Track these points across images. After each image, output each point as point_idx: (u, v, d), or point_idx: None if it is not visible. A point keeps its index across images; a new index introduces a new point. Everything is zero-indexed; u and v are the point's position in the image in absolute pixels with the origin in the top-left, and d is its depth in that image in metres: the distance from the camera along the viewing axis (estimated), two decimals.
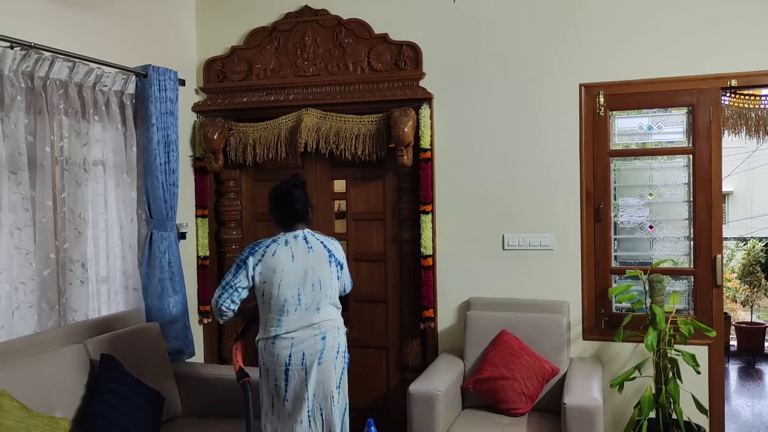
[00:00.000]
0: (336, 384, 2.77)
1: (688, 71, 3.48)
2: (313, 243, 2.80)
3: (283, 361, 2.69)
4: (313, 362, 2.70)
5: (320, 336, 2.73)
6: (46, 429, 2.50)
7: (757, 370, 6.59)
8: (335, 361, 2.76)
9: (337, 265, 2.84)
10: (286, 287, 2.71)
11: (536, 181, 3.72)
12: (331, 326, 2.78)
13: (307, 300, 2.73)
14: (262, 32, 4.09)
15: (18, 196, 2.86)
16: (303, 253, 2.76)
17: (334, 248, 2.86)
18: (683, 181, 3.59)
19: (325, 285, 2.77)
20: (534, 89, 3.71)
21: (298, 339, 2.70)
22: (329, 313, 2.79)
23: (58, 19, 3.17)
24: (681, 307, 3.55)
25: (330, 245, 2.85)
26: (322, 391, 2.74)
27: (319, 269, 2.76)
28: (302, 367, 2.70)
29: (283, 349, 2.69)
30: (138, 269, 3.59)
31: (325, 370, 2.73)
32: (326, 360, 2.73)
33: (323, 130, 3.91)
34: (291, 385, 2.71)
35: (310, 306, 2.73)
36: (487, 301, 3.72)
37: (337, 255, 2.86)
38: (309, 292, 2.73)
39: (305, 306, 2.72)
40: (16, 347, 2.74)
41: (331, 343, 2.75)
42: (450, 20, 3.83)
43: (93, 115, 3.30)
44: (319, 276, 2.76)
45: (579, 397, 2.99)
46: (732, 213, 14.06)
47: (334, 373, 2.76)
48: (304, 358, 2.69)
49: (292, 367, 2.70)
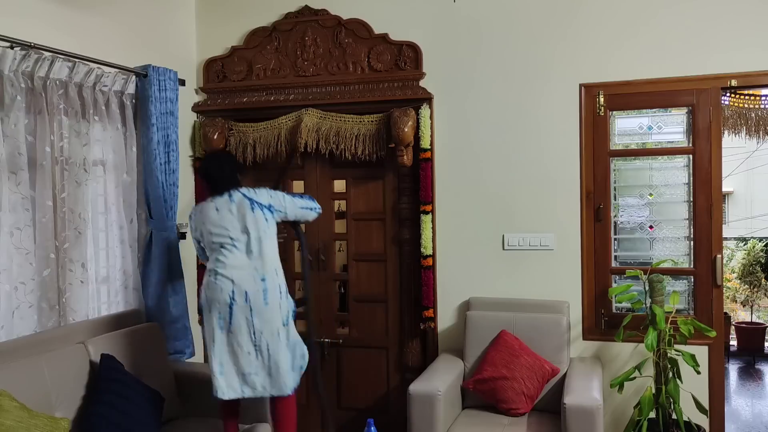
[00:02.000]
0: (283, 322, 2.99)
1: (688, 71, 3.48)
2: (235, 196, 3.04)
3: (227, 297, 2.94)
4: (259, 302, 2.93)
5: (260, 278, 2.96)
6: (46, 429, 2.50)
7: (757, 370, 6.59)
8: (280, 301, 2.98)
9: (262, 207, 3.03)
10: (218, 234, 3.01)
11: (536, 181, 3.72)
12: (269, 269, 2.99)
13: (241, 243, 2.98)
14: (262, 32, 4.10)
15: (18, 196, 2.86)
16: (226, 205, 3.03)
17: (255, 195, 3.06)
18: (683, 181, 3.59)
19: (252, 231, 2.99)
20: (534, 89, 3.71)
21: (239, 280, 2.94)
22: (265, 256, 2.99)
23: (58, 19, 3.17)
24: (681, 307, 3.55)
25: (251, 194, 3.05)
26: (269, 328, 2.94)
27: (244, 215, 3.00)
28: (247, 306, 2.93)
29: (224, 287, 2.94)
30: (138, 269, 3.59)
31: (271, 310, 2.95)
32: (271, 301, 2.95)
33: (323, 130, 3.91)
34: (236, 321, 2.94)
35: (246, 248, 2.98)
36: (487, 301, 3.72)
37: (260, 199, 3.05)
38: (240, 236, 2.99)
39: (239, 249, 2.98)
40: (16, 347, 2.74)
41: (272, 285, 2.97)
42: (450, 20, 3.83)
43: (93, 115, 3.30)
44: (246, 221, 2.99)
45: (579, 397, 2.99)
46: (732, 213, 14.06)
47: (279, 312, 2.97)
48: (248, 296, 2.93)
49: (236, 305, 2.93)
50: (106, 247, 3.45)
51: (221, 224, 3.01)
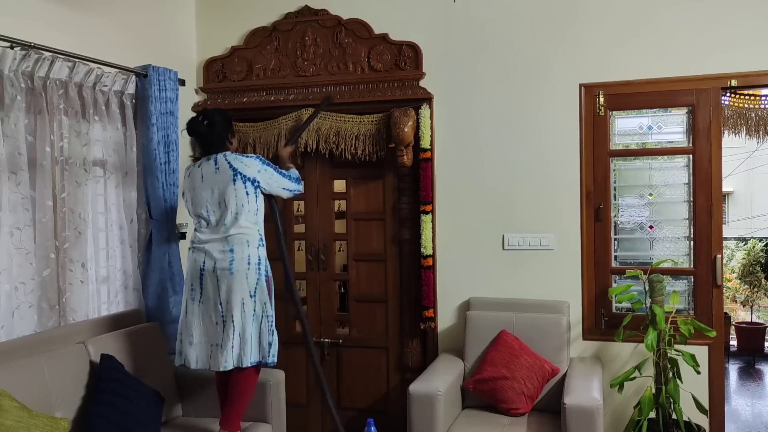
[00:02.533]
0: (250, 293, 2.98)
1: (688, 71, 3.48)
2: (221, 164, 3.02)
3: (198, 267, 3.01)
4: (224, 271, 2.96)
5: (228, 249, 2.97)
6: (46, 429, 2.50)
7: (757, 370, 6.59)
8: (247, 271, 2.97)
9: (245, 180, 3.01)
10: (198, 204, 3.06)
11: (536, 181, 3.72)
12: (239, 240, 2.98)
13: (215, 217, 3.02)
14: (262, 32, 4.10)
15: (18, 196, 2.85)
16: (211, 174, 3.03)
17: (242, 166, 3.02)
18: (683, 181, 3.59)
19: (230, 203, 2.99)
20: (534, 89, 3.71)
21: (210, 250, 2.99)
22: (237, 228, 2.99)
23: (58, 19, 3.17)
24: (681, 307, 3.55)
25: (237, 164, 3.02)
26: (235, 298, 2.95)
27: (224, 188, 2.99)
28: (214, 275, 2.97)
29: (198, 257, 3.02)
30: (138, 269, 3.59)
31: (237, 280, 2.95)
32: (237, 270, 2.95)
33: (323, 130, 3.91)
34: (205, 291, 3.00)
35: (219, 222, 3.01)
36: (487, 301, 3.72)
37: (246, 171, 3.02)
38: (216, 209, 3.02)
39: (214, 221, 3.02)
40: (16, 347, 2.74)
41: (240, 256, 2.97)
42: (450, 20, 3.83)
43: (93, 115, 3.30)
44: (224, 195, 2.99)
45: (579, 397, 2.99)
46: (732, 213, 14.06)
47: (246, 283, 2.97)
48: (216, 267, 2.97)
49: (206, 274, 2.99)
50: (106, 247, 3.45)
51: (201, 194, 3.04)
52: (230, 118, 3.22)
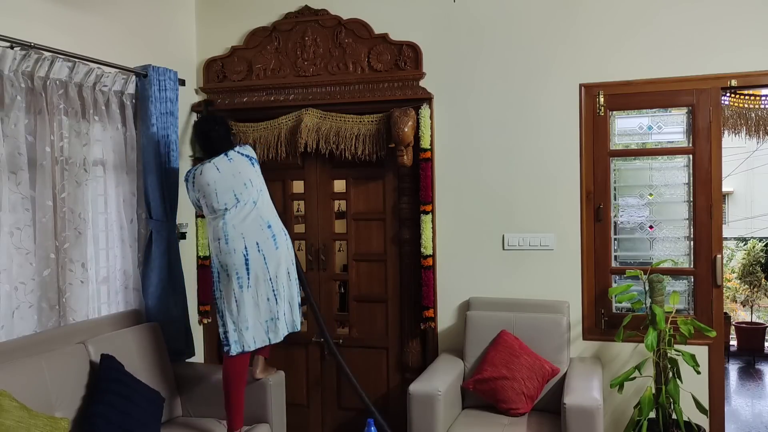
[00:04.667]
0: (292, 261, 3.24)
1: (688, 71, 3.48)
2: (232, 155, 3.19)
3: (241, 255, 3.06)
4: (270, 249, 3.10)
5: (266, 224, 3.13)
6: (46, 429, 2.50)
7: (757, 370, 6.60)
8: (286, 242, 3.21)
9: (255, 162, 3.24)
10: (222, 193, 3.12)
11: (536, 181, 3.72)
12: (271, 215, 3.19)
13: (244, 198, 3.13)
14: (262, 32, 4.09)
15: (18, 196, 2.85)
16: (225, 164, 3.17)
17: (248, 150, 3.26)
18: (683, 181, 3.59)
19: (255, 182, 3.18)
20: (534, 89, 3.71)
21: (247, 232, 3.09)
22: (265, 205, 3.20)
23: (58, 19, 3.17)
24: (681, 307, 3.55)
25: (245, 150, 3.24)
26: (282, 270, 3.16)
27: (245, 171, 3.17)
28: (260, 254, 3.08)
29: (237, 244, 3.07)
30: (138, 269, 3.59)
31: (282, 253, 3.15)
32: (280, 244, 3.15)
33: (323, 130, 3.91)
34: (252, 274, 3.08)
35: (247, 202, 3.13)
36: (487, 301, 3.72)
37: (252, 154, 3.26)
38: (243, 191, 3.13)
39: (243, 203, 3.12)
40: (16, 347, 2.74)
41: (277, 229, 3.17)
42: (450, 20, 3.83)
43: (93, 115, 3.30)
44: (248, 176, 3.17)
45: (579, 397, 2.99)
46: (732, 213, 14.06)
47: (287, 253, 3.20)
48: (260, 246, 3.09)
49: (251, 259, 3.07)
50: (106, 247, 3.45)
51: (225, 182, 3.12)
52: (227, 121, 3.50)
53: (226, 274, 3.10)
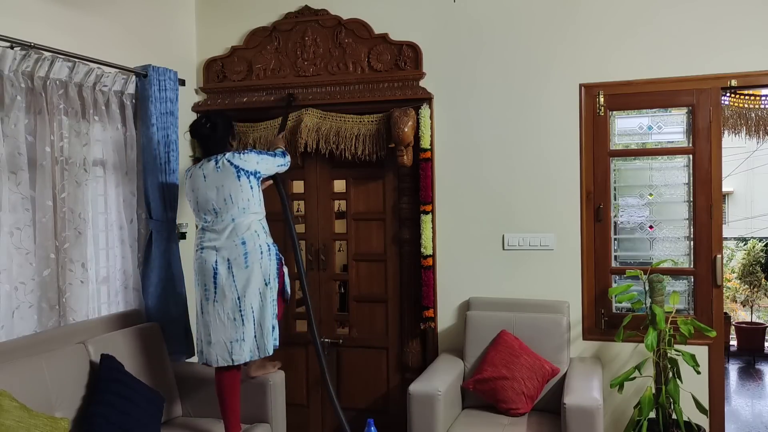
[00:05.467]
0: (265, 281, 3.06)
1: (688, 71, 3.48)
2: (222, 164, 3.08)
3: (211, 267, 3.03)
4: (239, 266, 3.02)
5: (240, 242, 3.03)
6: (46, 429, 2.50)
7: (757, 370, 6.60)
8: (261, 261, 3.05)
9: (248, 175, 3.09)
10: (203, 203, 3.09)
11: (536, 181, 3.72)
12: (249, 232, 3.05)
13: (222, 213, 3.06)
14: (262, 32, 4.10)
15: (18, 196, 2.85)
16: (212, 173, 3.09)
17: (243, 162, 3.10)
18: (683, 181, 3.59)
19: (236, 198, 3.06)
20: (534, 89, 3.71)
21: (221, 247, 3.04)
22: (246, 220, 3.07)
23: (58, 19, 3.17)
24: (681, 307, 3.55)
25: (238, 161, 3.09)
26: (251, 290, 3.03)
27: (229, 185, 3.05)
28: (230, 272, 3.02)
29: (209, 257, 3.04)
30: (138, 269, 3.59)
31: (253, 272, 3.03)
32: (252, 262, 3.02)
33: (323, 130, 3.91)
34: (219, 289, 3.02)
35: (225, 217, 3.05)
36: (487, 301, 3.72)
37: (247, 166, 3.10)
38: (222, 206, 3.05)
39: (221, 218, 3.06)
40: (16, 347, 2.74)
41: (252, 247, 3.04)
42: (450, 20, 3.83)
43: (93, 115, 3.30)
44: (230, 191, 3.05)
45: (579, 397, 2.99)
46: (732, 213, 14.06)
47: (261, 273, 3.04)
48: (230, 263, 3.02)
49: (219, 273, 3.02)
50: (106, 247, 3.45)
51: (206, 193, 3.08)
52: (231, 121, 3.30)
53: (197, 282, 3.10)
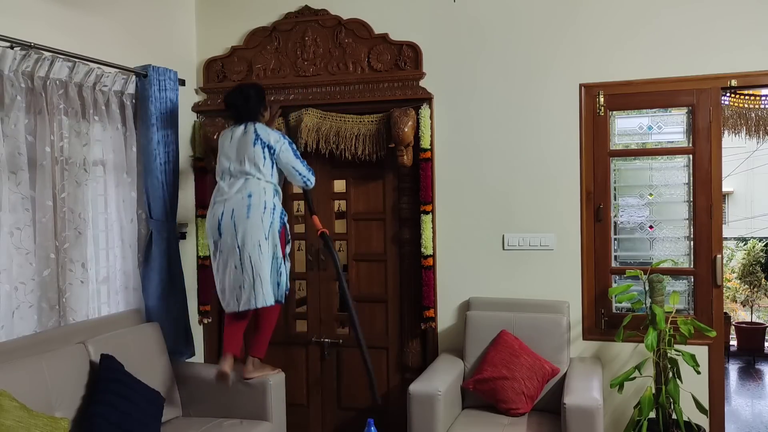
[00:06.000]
0: (265, 235, 3.21)
1: (689, 71, 3.48)
2: (248, 129, 3.32)
3: (216, 218, 3.25)
4: (241, 217, 3.19)
5: (246, 194, 3.22)
6: (46, 429, 2.50)
7: (757, 370, 6.60)
8: (263, 215, 3.21)
9: (263, 146, 3.28)
10: (223, 160, 3.34)
11: (536, 181, 3.72)
12: (258, 189, 3.24)
13: (236, 171, 3.28)
14: (262, 32, 4.09)
15: (18, 196, 2.85)
16: (239, 136, 3.33)
17: (264, 133, 3.31)
18: (683, 181, 3.59)
19: (251, 160, 3.26)
20: (534, 89, 3.71)
21: (229, 199, 3.24)
22: (257, 182, 3.26)
23: (58, 19, 3.17)
24: (681, 307, 3.55)
25: (261, 131, 3.31)
26: (251, 241, 3.18)
27: (246, 148, 3.28)
28: (231, 222, 3.20)
29: (218, 209, 3.26)
30: (138, 269, 3.59)
31: (253, 224, 3.19)
32: (253, 215, 3.19)
33: (323, 130, 3.91)
34: (223, 239, 3.23)
35: (240, 176, 3.27)
36: (487, 301, 3.72)
37: (265, 137, 3.30)
38: (237, 166, 3.28)
39: (236, 175, 3.28)
40: (16, 347, 2.74)
41: (256, 201, 3.21)
42: (450, 20, 3.83)
43: (93, 115, 3.30)
44: (245, 153, 3.27)
45: (579, 397, 2.99)
46: (732, 213, 14.07)
47: (261, 226, 3.20)
48: (234, 213, 3.21)
49: (223, 224, 3.23)
50: (106, 247, 3.45)
51: (228, 153, 3.31)
52: (263, 93, 3.48)
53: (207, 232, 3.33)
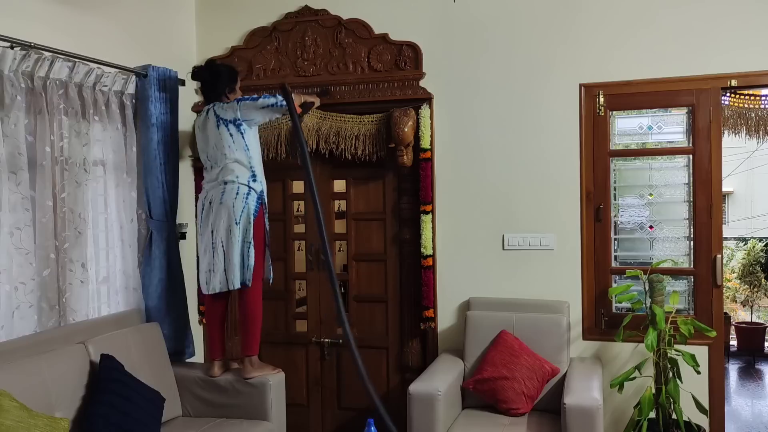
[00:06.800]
0: (235, 220, 3.28)
1: (688, 71, 3.48)
2: (209, 114, 3.39)
3: (202, 204, 3.41)
4: (216, 201, 3.31)
5: (222, 181, 3.32)
6: (46, 429, 2.50)
7: (757, 370, 6.60)
8: (234, 201, 3.29)
9: (226, 124, 3.33)
10: (201, 151, 3.47)
11: (536, 181, 3.72)
12: (231, 175, 3.30)
13: (212, 159, 3.39)
14: (262, 32, 4.09)
15: (18, 196, 2.85)
16: (203, 123, 3.43)
17: (223, 112, 3.35)
18: (683, 181, 3.59)
19: (219, 146, 3.34)
20: (534, 89, 3.71)
21: (210, 189, 3.38)
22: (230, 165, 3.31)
23: (58, 19, 3.17)
24: (681, 307, 3.55)
25: (220, 111, 3.35)
26: (223, 225, 3.29)
27: (213, 134, 3.35)
28: (210, 207, 3.35)
29: (202, 196, 3.43)
30: (138, 269, 3.59)
31: (224, 208, 3.29)
32: (225, 200, 3.29)
33: (323, 130, 3.91)
34: (204, 222, 3.39)
35: (216, 163, 3.36)
36: (487, 301, 3.72)
37: (225, 115, 3.33)
38: (213, 153, 3.37)
39: (212, 163, 3.39)
40: (16, 347, 2.74)
41: (230, 188, 3.29)
42: (450, 20, 3.83)
43: (93, 115, 3.30)
44: (214, 140, 3.35)
45: (579, 397, 2.99)
46: (732, 213, 14.07)
47: (232, 211, 3.28)
48: (212, 200, 3.35)
49: (205, 208, 3.37)
50: (106, 247, 3.44)
51: (200, 143, 3.45)
52: (236, 75, 3.52)
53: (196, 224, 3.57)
